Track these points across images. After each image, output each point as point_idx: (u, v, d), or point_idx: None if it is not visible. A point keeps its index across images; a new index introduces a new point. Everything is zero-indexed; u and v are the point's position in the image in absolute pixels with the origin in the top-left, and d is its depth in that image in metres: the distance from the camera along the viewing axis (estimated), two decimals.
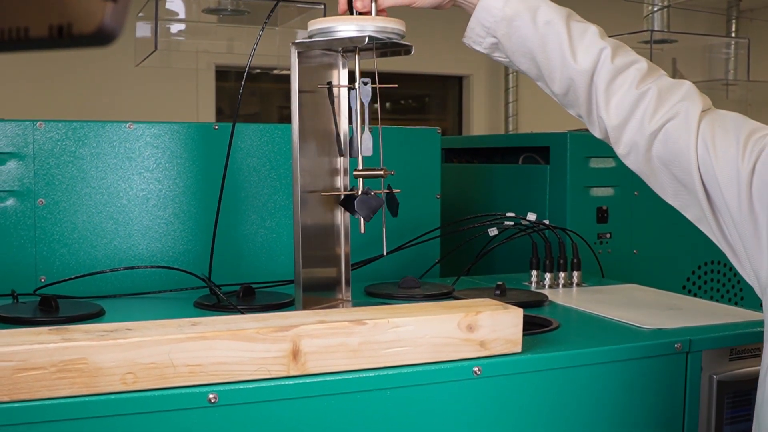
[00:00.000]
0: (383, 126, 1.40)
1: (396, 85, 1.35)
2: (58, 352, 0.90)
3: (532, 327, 1.30)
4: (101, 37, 0.39)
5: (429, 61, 7.22)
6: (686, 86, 1.19)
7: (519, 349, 1.13)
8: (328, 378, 1.02)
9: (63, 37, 0.40)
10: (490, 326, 1.10)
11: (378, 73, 1.34)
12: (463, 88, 8.19)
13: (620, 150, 1.22)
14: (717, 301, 2.30)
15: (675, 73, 6.51)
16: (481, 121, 8.08)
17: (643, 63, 1.21)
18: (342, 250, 1.48)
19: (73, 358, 0.90)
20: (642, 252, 2.22)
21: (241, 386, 0.98)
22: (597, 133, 1.25)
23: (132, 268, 1.61)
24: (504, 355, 1.12)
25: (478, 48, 1.28)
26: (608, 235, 2.17)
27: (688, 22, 6.78)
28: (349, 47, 1.37)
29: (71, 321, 1.34)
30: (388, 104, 7.91)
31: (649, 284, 1.82)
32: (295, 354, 0.99)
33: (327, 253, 1.46)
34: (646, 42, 3.58)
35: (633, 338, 1.27)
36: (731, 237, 1.13)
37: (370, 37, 1.29)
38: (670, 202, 1.21)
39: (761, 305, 1.14)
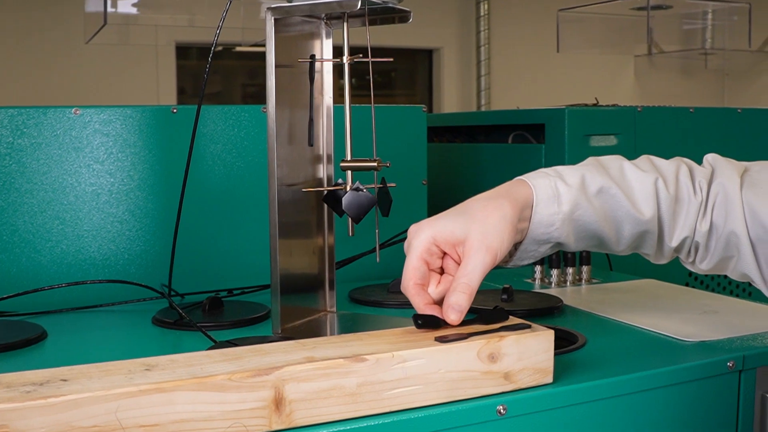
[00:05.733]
0: (357, 105, 1.19)
1: (392, 59, 1.13)
2: None
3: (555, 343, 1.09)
4: None
5: (396, 33, 6.94)
6: (710, 158, 1.12)
7: (550, 379, 0.93)
8: (320, 431, 0.81)
9: None
10: (515, 354, 0.90)
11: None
12: (433, 61, 7.97)
13: (691, 258, 1.13)
14: (727, 291, 2.12)
15: (651, 44, 6.33)
16: (452, 96, 7.86)
17: (683, 165, 1.10)
18: (326, 251, 1.27)
19: None
20: None
21: None
22: (664, 260, 1.15)
23: (75, 284, 1.39)
24: (533, 387, 0.91)
25: (527, 262, 1.10)
26: None
27: None
28: (336, 13, 1.15)
29: (3, 350, 1.12)
30: (354, 80, 7.67)
31: (656, 273, 1.62)
32: (278, 403, 0.78)
33: (308, 254, 1.25)
34: (642, 8, 3.33)
35: (676, 356, 1.07)
36: None
37: (364, 0, 1.08)
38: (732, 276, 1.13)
39: None
